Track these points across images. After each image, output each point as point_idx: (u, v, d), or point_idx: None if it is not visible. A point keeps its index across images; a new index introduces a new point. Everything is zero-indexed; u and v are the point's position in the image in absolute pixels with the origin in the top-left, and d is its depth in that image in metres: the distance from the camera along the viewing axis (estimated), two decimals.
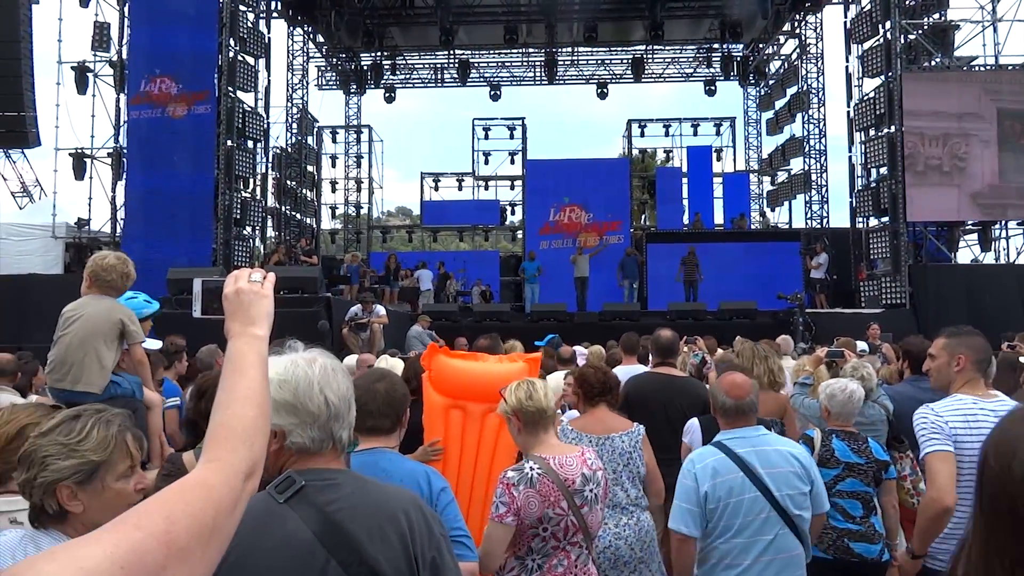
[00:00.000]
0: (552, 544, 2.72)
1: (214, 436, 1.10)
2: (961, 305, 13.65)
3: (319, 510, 1.44)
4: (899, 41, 15.33)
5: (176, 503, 0.94)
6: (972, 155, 15.69)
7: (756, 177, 26.16)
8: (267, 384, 1.22)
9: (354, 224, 27.26)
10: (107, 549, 0.82)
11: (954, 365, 3.03)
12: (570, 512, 2.69)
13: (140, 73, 15.36)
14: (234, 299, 1.31)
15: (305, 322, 10.34)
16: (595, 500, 2.78)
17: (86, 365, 3.68)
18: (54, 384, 3.75)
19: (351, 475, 1.58)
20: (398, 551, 1.44)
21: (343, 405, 1.59)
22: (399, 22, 23.67)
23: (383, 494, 1.54)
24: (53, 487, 1.67)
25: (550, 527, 2.69)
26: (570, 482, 2.71)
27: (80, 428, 1.74)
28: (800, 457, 3.00)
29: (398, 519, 1.47)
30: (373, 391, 2.49)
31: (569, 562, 2.73)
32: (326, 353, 1.64)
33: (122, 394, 3.84)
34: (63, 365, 3.70)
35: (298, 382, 1.54)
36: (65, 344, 3.71)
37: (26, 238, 16.50)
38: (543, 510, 2.65)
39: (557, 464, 2.73)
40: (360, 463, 2.41)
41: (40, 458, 1.68)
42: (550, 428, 2.84)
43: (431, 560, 1.48)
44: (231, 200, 15.29)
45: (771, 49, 24.62)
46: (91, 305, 3.80)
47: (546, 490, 2.66)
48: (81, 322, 3.74)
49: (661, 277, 19.04)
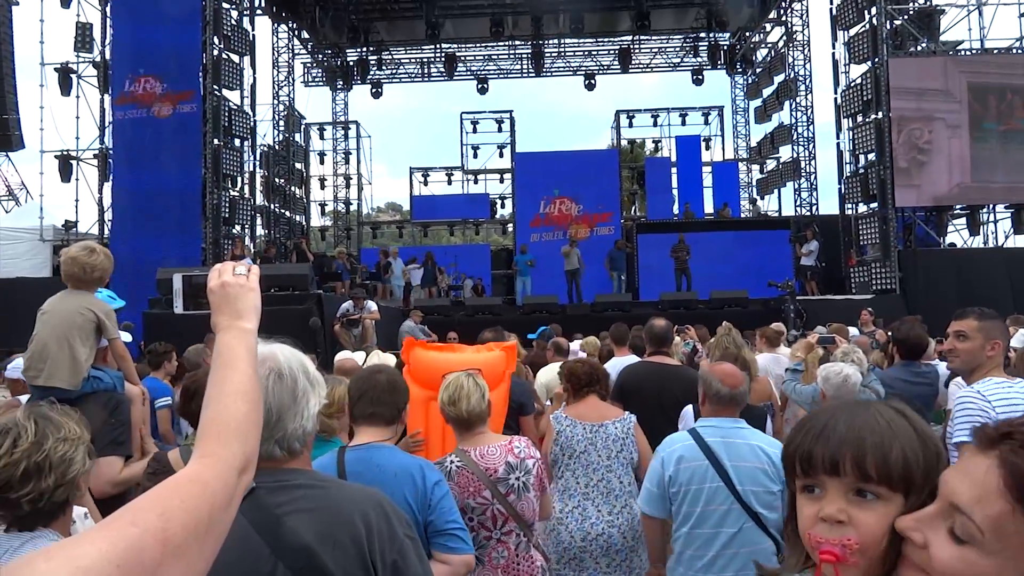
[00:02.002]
0: (484, 535, 2.78)
1: (206, 431, 1.08)
2: (951, 289, 13.72)
3: (269, 513, 1.40)
4: (885, 26, 15.36)
5: (171, 500, 0.92)
6: (937, 145, 15.00)
7: (745, 166, 26.22)
8: (257, 378, 1.20)
9: (344, 221, 27.18)
10: (103, 547, 0.81)
11: (987, 349, 2.94)
12: (495, 501, 2.76)
13: (124, 73, 15.24)
14: (220, 293, 1.29)
15: (297, 319, 10.32)
16: (524, 488, 2.83)
17: (59, 361, 3.65)
18: (30, 381, 3.74)
19: (309, 476, 1.53)
20: (351, 555, 1.40)
21: (280, 411, 1.49)
22: (384, 17, 23.55)
23: (340, 496, 1.49)
24: (75, 480, 1.77)
25: (475, 516, 2.77)
26: (491, 471, 2.78)
27: (57, 424, 1.80)
28: (774, 457, 2.84)
29: (353, 522, 1.43)
30: (374, 380, 2.53)
31: (510, 553, 2.80)
32: (287, 350, 1.56)
33: (103, 388, 3.82)
34: (38, 361, 3.67)
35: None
36: (40, 340, 3.69)
37: (13, 242, 16.37)
38: (463, 500, 2.73)
39: (478, 455, 2.80)
40: (355, 458, 2.41)
41: (59, 459, 1.74)
42: (477, 426, 2.90)
43: (392, 563, 1.44)
44: (219, 199, 15.21)
45: (758, 37, 24.63)
46: (65, 301, 3.76)
47: (465, 481, 2.75)
48: (54, 318, 3.71)
49: (652, 267, 19.07)
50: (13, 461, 1.70)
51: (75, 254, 3.79)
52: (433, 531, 2.31)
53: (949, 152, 15.07)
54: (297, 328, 9.82)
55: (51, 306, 3.78)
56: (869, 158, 15.84)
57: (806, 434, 1.06)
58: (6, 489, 1.70)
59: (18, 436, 1.73)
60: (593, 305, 15.50)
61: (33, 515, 1.72)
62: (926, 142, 14.92)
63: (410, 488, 2.32)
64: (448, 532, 2.30)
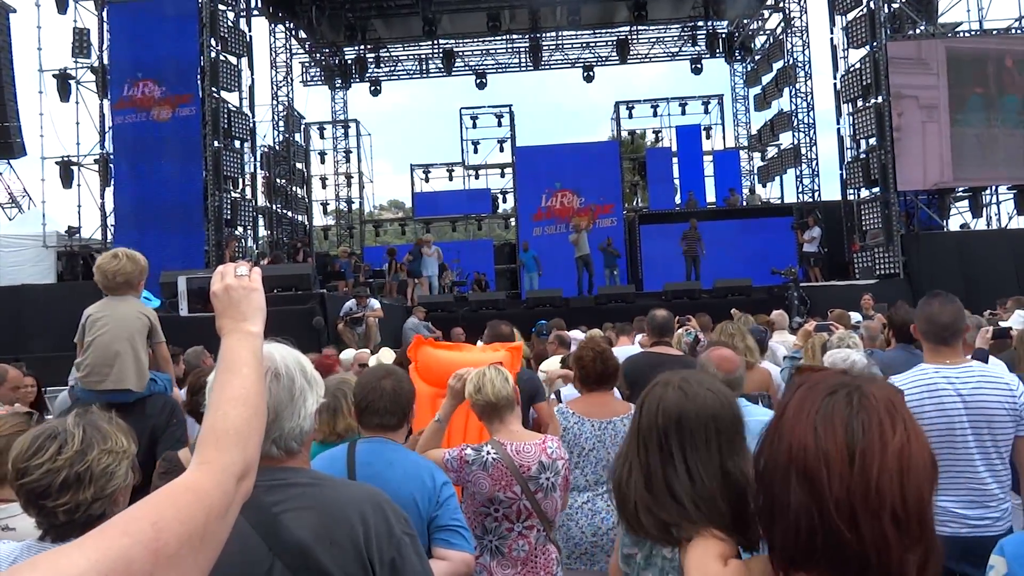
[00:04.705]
0: (506, 526, 2.82)
1: (205, 438, 1.07)
2: (955, 272, 13.68)
3: (266, 511, 1.40)
4: (883, 10, 15.28)
5: (166, 508, 0.91)
6: (909, 128, 14.61)
7: (746, 154, 26.14)
8: (262, 382, 1.19)
9: (346, 219, 27.21)
10: (91, 556, 0.80)
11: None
12: (523, 497, 2.79)
13: (122, 78, 15.26)
14: (223, 296, 1.28)
15: (300, 319, 10.35)
16: (552, 488, 2.87)
17: (126, 364, 3.69)
18: (93, 386, 3.71)
19: (306, 475, 1.54)
20: (349, 553, 1.41)
21: (277, 410, 1.49)
22: (381, 14, 23.51)
23: (338, 494, 1.50)
24: (114, 495, 1.73)
25: (501, 509, 2.80)
26: (525, 468, 2.80)
27: (105, 434, 1.76)
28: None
29: (350, 521, 1.44)
30: (379, 388, 2.52)
31: (530, 547, 2.84)
32: (284, 349, 1.57)
33: (159, 391, 3.87)
34: (102, 366, 3.69)
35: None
36: (102, 344, 3.70)
37: (17, 249, 16.41)
38: (493, 492, 2.77)
39: (514, 450, 2.82)
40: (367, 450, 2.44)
41: (100, 471, 1.71)
42: (507, 416, 2.92)
43: (390, 561, 1.45)
44: (221, 201, 15.23)
45: (756, 24, 24.52)
46: (118, 306, 3.80)
47: (498, 474, 2.78)
48: (113, 322, 3.74)
49: (656, 258, 19.05)
50: (55, 468, 1.68)
51: (100, 262, 3.87)
52: (435, 527, 2.33)
53: (923, 134, 14.81)
54: (300, 328, 9.85)
55: (102, 311, 3.80)
56: (870, 142, 15.78)
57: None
58: (43, 496, 1.68)
59: (64, 443, 1.70)
60: (597, 297, 15.50)
61: (68, 526, 1.69)
62: (895, 125, 14.66)
63: (418, 487, 2.34)
64: (450, 528, 2.32)
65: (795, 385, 1.15)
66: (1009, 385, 2.93)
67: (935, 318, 3.02)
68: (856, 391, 1.06)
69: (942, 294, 3.13)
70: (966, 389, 2.88)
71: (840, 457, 1.01)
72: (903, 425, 1.03)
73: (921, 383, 2.92)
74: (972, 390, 2.88)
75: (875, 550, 0.99)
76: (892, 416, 1.03)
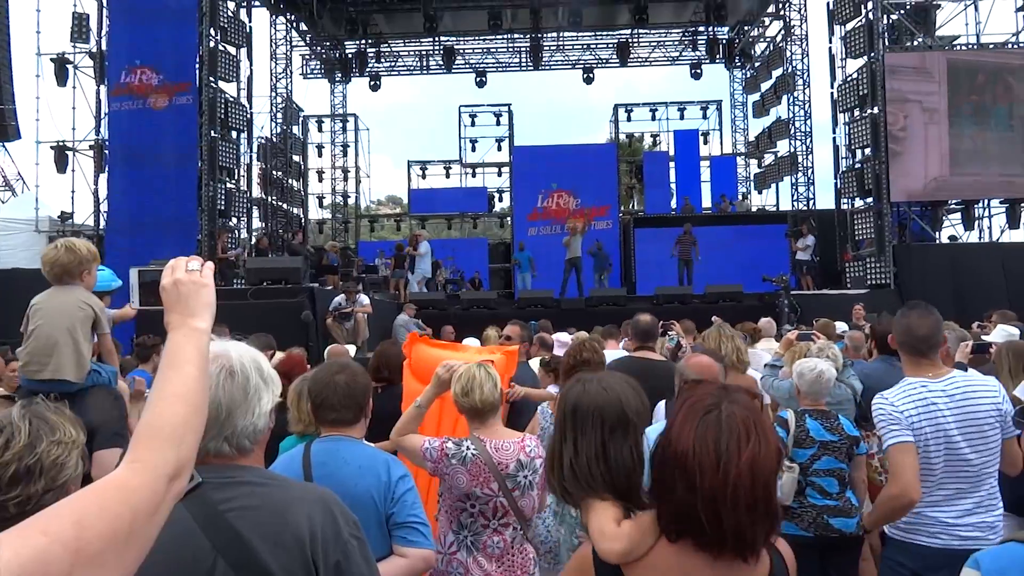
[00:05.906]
0: (481, 522, 2.84)
1: (140, 435, 1.06)
2: (946, 284, 13.73)
3: (212, 507, 1.40)
4: (881, 21, 15.32)
5: (90, 507, 0.90)
6: (912, 132, 14.84)
7: (743, 160, 26.19)
8: (205, 379, 1.18)
9: (342, 213, 27.17)
10: (5, 555, 0.78)
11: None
12: (500, 494, 2.82)
13: (120, 64, 15.19)
14: (172, 290, 1.27)
15: (289, 313, 10.33)
16: (529, 486, 2.89)
17: (64, 354, 3.66)
18: (32, 376, 3.69)
19: (257, 474, 1.53)
20: (293, 554, 1.41)
21: (230, 408, 1.50)
22: (383, 9, 23.47)
23: (286, 494, 1.50)
24: (66, 484, 1.67)
25: (478, 505, 2.83)
26: (503, 466, 2.83)
27: (53, 425, 1.71)
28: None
29: (297, 522, 1.44)
30: (333, 384, 2.52)
31: (506, 543, 2.86)
32: (241, 347, 1.57)
33: (102, 383, 3.84)
34: (41, 355, 3.67)
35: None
36: (43, 335, 3.68)
37: (9, 232, 16.37)
38: (471, 488, 2.81)
39: (493, 448, 2.86)
40: (321, 450, 2.43)
41: (51, 463, 1.65)
42: (489, 417, 2.97)
43: (335, 563, 1.45)
44: (215, 191, 15.18)
45: (756, 31, 24.56)
46: (60, 295, 3.77)
47: (476, 470, 2.81)
48: (53, 311, 3.72)
49: (649, 262, 19.08)
50: (4, 463, 1.63)
51: (42, 252, 3.85)
52: (394, 524, 2.33)
53: (925, 138, 15.04)
54: (289, 322, 9.83)
55: (45, 301, 3.78)
56: (865, 152, 15.83)
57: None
58: None
59: (11, 437, 1.66)
60: (588, 300, 15.51)
61: (19, 518, 1.66)
62: (900, 129, 14.85)
63: (374, 481, 2.34)
64: (408, 525, 2.33)
65: (682, 400, 1.55)
66: (992, 390, 2.95)
67: (913, 330, 3.00)
68: (725, 410, 1.46)
69: (921, 305, 3.12)
70: (954, 401, 2.88)
71: (710, 464, 1.41)
72: (756, 437, 1.43)
73: (913, 399, 2.89)
74: (960, 402, 2.88)
75: (732, 530, 1.41)
76: (748, 431, 1.44)
